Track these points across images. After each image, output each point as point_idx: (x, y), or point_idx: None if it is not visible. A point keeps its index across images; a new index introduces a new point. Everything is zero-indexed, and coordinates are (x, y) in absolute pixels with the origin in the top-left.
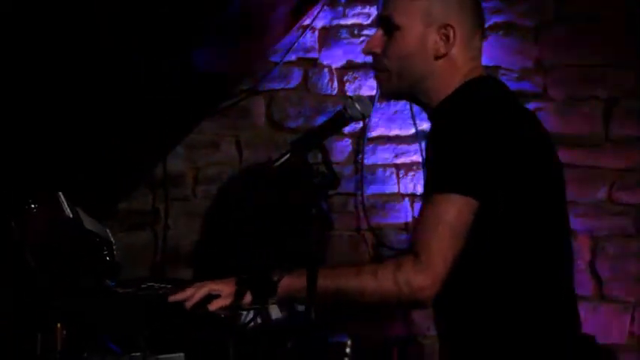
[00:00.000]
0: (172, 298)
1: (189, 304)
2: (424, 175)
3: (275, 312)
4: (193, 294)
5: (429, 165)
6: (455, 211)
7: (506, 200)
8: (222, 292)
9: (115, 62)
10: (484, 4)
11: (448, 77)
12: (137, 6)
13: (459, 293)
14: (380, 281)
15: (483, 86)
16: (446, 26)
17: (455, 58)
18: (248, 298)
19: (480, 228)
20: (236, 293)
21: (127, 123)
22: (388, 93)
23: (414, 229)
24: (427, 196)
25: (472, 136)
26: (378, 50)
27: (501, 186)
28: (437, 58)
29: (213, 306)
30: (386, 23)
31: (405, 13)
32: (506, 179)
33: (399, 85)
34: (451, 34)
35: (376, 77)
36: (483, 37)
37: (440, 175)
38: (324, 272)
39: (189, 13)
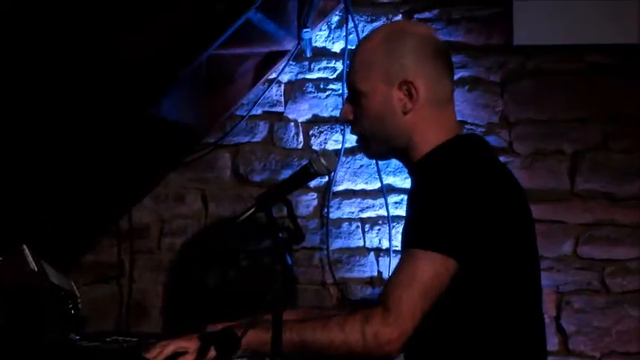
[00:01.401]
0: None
1: None
2: (403, 230)
3: None
4: (160, 352)
5: (408, 220)
6: (432, 270)
7: (483, 262)
8: (188, 349)
9: (82, 112)
10: None
11: (425, 130)
12: (103, 58)
13: (431, 348)
14: (347, 334)
15: (466, 144)
16: (406, 82)
17: (424, 110)
18: (213, 354)
19: (454, 286)
20: (201, 350)
21: (92, 175)
22: (372, 156)
23: (388, 279)
24: (406, 250)
25: (457, 196)
26: (350, 117)
27: (481, 249)
28: (405, 113)
29: None
30: (351, 91)
31: (365, 79)
32: (486, 243)
33: (378, 147)
34: (412, 90)
35: (358, 143)
36: (453, 82)
37: (422, 232)
38: (290, 325)
39: (156, 66)
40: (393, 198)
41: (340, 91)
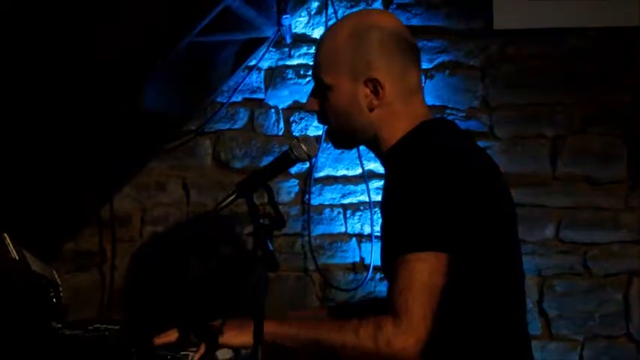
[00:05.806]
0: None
1: None
2: (382, 218)
3: (223, 353)
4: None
5: (386, 217)
6: (429, 268)
7: (471, 247)
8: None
9: (63, 102)
10: (429, 44)
11: (392, 123)
12: (83, 46)
13: (436, 345)
14: (360, 339)
15: (434, 131)
16: (372, 79)
17: (391, 104)
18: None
19: (451, 278)
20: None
21: (74, 163)
22: (339, 145)
23: (389, 289)
24: (397, 258)
25: (432, 188)
26: (316, 108)
27: (466, 235)
28: (371, 109)
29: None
30: (318, 83)
31: (332, 72)
32: (469, 227)
33: (344, 138)
34: (378, 87)
35: (326, 132)
36: (420, 69)
37: (407, 234)
38: (306, 323)
39: (137, 55)
40: (374, 184)
41: None
